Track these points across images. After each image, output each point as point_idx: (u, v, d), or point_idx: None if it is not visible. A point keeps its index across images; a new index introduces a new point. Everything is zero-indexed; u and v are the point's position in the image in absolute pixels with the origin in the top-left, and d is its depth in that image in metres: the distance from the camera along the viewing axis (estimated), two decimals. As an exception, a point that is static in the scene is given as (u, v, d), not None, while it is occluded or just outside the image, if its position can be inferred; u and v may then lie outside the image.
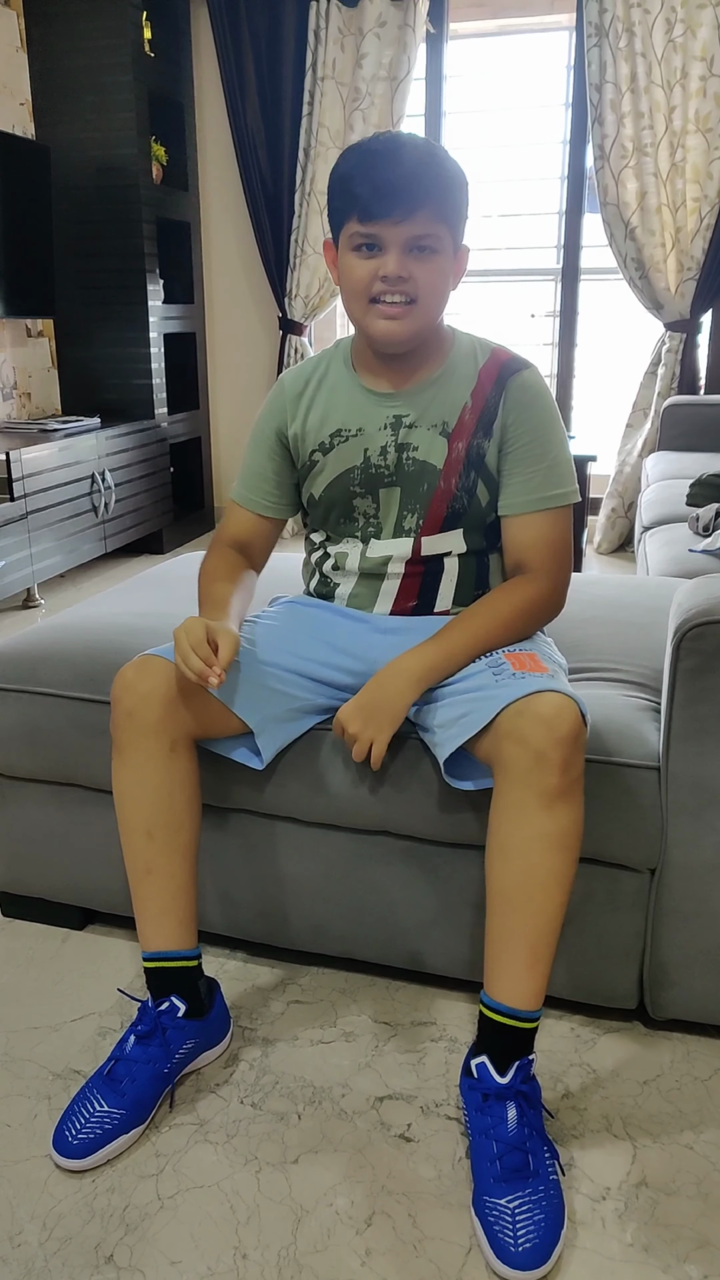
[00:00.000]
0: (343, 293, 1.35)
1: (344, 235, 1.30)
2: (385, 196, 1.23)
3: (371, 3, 3.88)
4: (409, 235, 1.26)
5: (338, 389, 1.42)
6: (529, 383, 1.38)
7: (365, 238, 1.27)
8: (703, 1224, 1.16)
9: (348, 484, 1.42)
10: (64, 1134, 1.25)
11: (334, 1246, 1.14)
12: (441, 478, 1.38)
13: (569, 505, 1.39)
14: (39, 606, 3.57)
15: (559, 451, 1.38)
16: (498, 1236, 1.11)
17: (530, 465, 1.37)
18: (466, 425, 1.37)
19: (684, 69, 3.67)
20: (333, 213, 1.32)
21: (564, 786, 1.19)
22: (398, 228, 1.25)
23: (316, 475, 1.44)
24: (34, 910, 1.73)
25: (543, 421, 1.37)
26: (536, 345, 4.39)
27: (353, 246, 1.29)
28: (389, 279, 1.27)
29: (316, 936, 1.55)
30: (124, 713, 1.31)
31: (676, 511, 2.90)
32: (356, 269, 1.29)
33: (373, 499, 1.41)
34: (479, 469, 1.38)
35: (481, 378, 1.38)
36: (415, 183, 1.23)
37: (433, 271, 1.29)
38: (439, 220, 1.26)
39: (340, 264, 1.33)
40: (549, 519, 1.38)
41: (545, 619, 1.40)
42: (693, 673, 1.27)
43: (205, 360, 4.66)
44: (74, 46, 3.82)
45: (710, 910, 1.35)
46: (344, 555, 1.46)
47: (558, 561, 1.39)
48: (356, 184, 1.25)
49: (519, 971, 1.23)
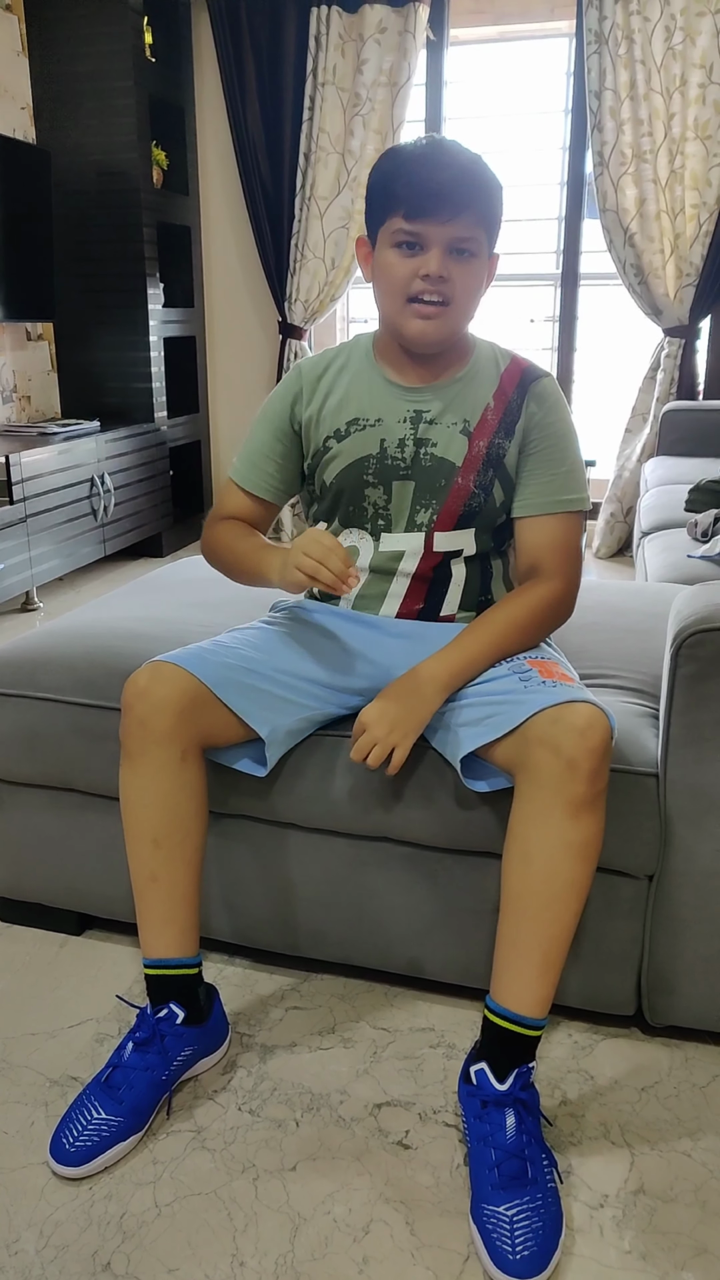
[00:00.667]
0: (377, 289, 1.36)
1: (385, 231, 1.31)
2: (433, 196, 1.25)
3: (372, 9, 3.89)
4: (452, 236, 1.27)
5: (358, 378, 1.43)
6: (550, 389, 1.41)
7: (409, 235, 1.28)
8: (700, 1231, 1.16)
9: (362, 472, 1.42)
10: (61, 1141, 1.24)
11: (332, 1254, 1.14)
12: (460, 475, 1.39)
13: (582, 512, 1.42)
14: (38, 610, 3.57)
15: (575, 458, 1.42)
16: (496, 1244, 1.11)
17: (550, 469, 1.40)
18: (489, 425, 1.39)
19: (683, 76, 3.68)
20: (374, 208, 1.33)
21: (591, 796, 1.20)
22: (443, 228, 1.27)
23: (329, 461, 1.44)
24: (31, 915, 1.73)
25: (563, 427, 1.41)
26: (536, 350, 4.39)
27: (394, 243, 1.30)
28: (430, 278, 1.29)
29: (316, 942, 1.55)
30: (136, 720, 1.30)
31: (675, 517, 2.91)
32: (397, 266, 1.30)
33: (385, 490, 1.42)
34: (497, 468, 1.39)
35: (504, 381, 1.40)
36: (462, 186, 1.26)
37: (470, 275, 1.31)
38: (480, 225, 1.29)
39: (377, 260, 1.34)
40: (563, 522, 1.41)
41: (558, 621, 1.42)
42: (691, 679, 1.27)
43: (205, 364, 4.66)
44: (75, 51, 3.83)
45: (709, 917, 1.35)
46: (354, 551, 1.46)
47: (571, 564, 1.41)
48: (404, 182, 1.27)
49: (529, 978, 1.23)
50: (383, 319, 1.38)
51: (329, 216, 4.18)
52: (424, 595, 1.44)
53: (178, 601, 1.87)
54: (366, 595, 1.47)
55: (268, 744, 1.35)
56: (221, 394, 4.73)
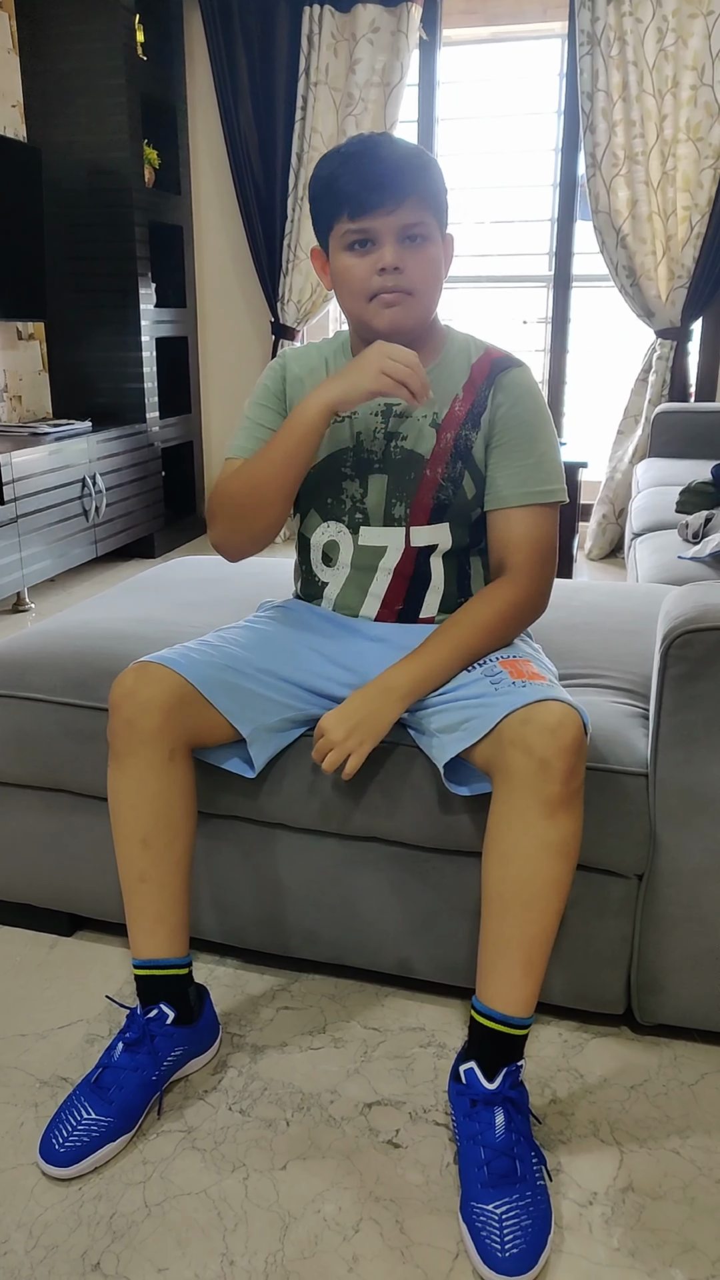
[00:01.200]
0: (339, 295, 1.36)
1: (335, 236, 1.31)
2: (373, 189, 1.25)
3: (365, 8, 3.90)
4: (401, 224, 1.27)
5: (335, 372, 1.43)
6: (519, 379, 1.39)
7: (358, 233, 1.28)
8: (689, 1228, 1.17)
9: (339, 464, 1.42)
10: (51, 1142, 1.24)
11: (322, 1253, 1.14)
12: (428, 466, 1.39)
13: (555, 505, 1.39)
14: (29, 610, 3.56)
15: (546, 449, 1.39)
16: (485, 1242, 1.11)
17: (517, 460, 1.38)
18: (456, 416, 1.39)
19: (675, 78, 3.69)
20: (319, 217, 1.33)
21: (566, 795, 1.20)
22: (390, 218, 1.27)
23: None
24: (22, 916, 1.73)
25: (531, 417, 1.38)
26: (528, 351, 4.40)
27: (345, 245, 1.30)
28: (387, 271, 1.29)
29: (306, 942, 1.55)
30: (123, 720, 1.30)
31: (666, 518, 2.92)
32: (353, 268, 1.31)
33: (361, 483, 1.42)
34: (465, 460, 1.39)
35: (474, 372, 1.40)
36: (400, 172, 1.26)
37: (426, 260, 1.31)
38: (425, 207, 1.29)
39: (334, 266, 1.34)
40: (534, 516, 1.38)
41: (527, 622, 1.41)
42: (680, 680, 1.28)
43: (197, 364, 4.66)
44: (67, 49, 3.82)
45: (697, 916, 1.36)
46: (334, 546, 1.46)
47: (540, 561, 1.39)
48: (342, 182, 1.27)
49: (513, 978, 1.23)
50: (351, 323, 1.38)
51: (321, 217, 4.17)
52: (404, 595, 1.44)
53: (169, 602, 1.87)
54: (346, 595, 1.47)
55: (250, 743, 1.35)
56: (213, 394, 4.73)
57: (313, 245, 1.39)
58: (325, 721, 1.32)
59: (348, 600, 1.47)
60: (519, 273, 4.40)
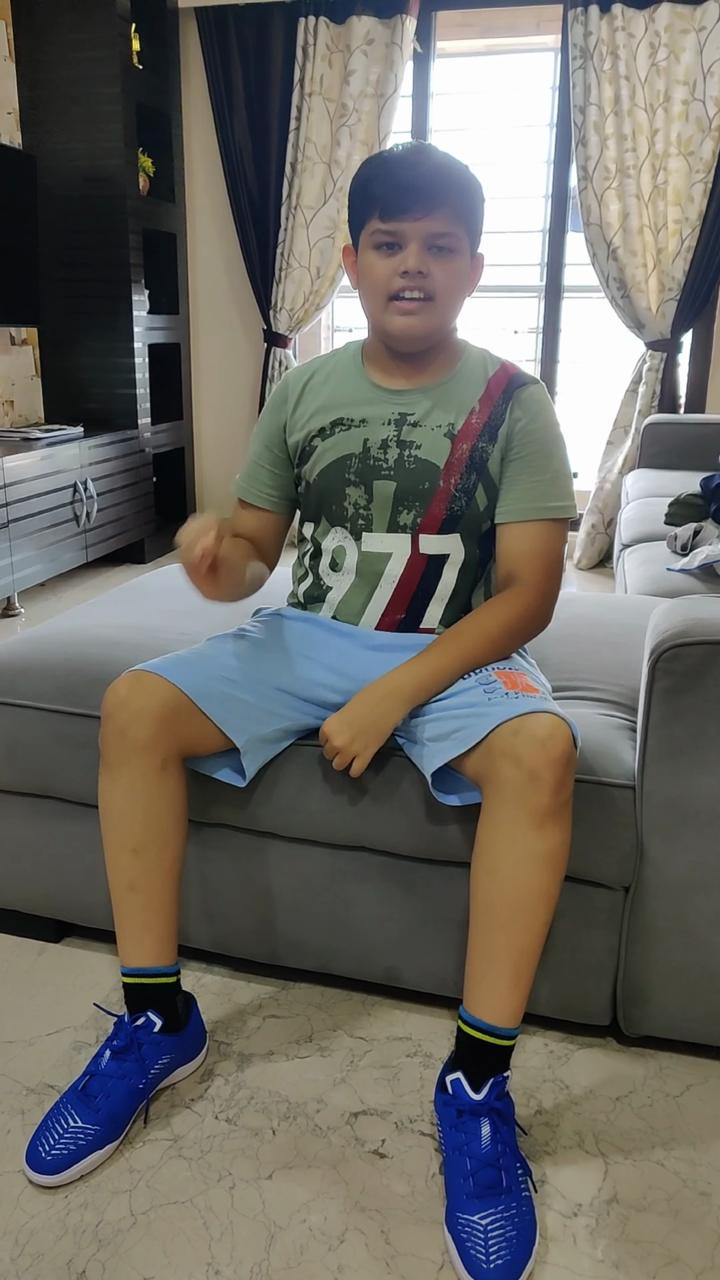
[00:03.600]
0: (362, 293, 1.38)
1: (365, 234, 1.33)
2: (406, 193, 1.27)
3: (360, 20, 3.92)
4: (428, 232, 1.29)
5: (345, 381, 1.45)
6: (537, 396, 1.41)
7: (386, 235, 1.30)
8: (673, 1240, 1.17)
9: (343, 471, 1.43)
10: (37, 1150, 1.24)
11: (307, 1262, 1.14)
12: (442, 477, 1.40)
13: (565, 520, 1.42)
14: (19, 615, 3.56)
15: (560, 465, 1.41)
16: (470, 1253, 1.12)
17: (533, 475, 1.40)
18: (472, 428, 1.40)
19: (667, 92, 3.72)
20: (353, 214, 1.35)
21: (555, 807, 1.20)
22: (418, 224, 1.28)
23: (315, 460, 1.45)
24: (10, 923, 1.73)
25: (547, 434, 1.41)
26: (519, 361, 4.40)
27: (374, 245, 1.32)
28: (409, 274, 1.30)
29: (294, 951, 1.55)
30: (115, 729, 1.31)
31: (655, 530, 2.93)
32: (377, 266, 1.32)
33: (365, 490, 1.42)
34: (480, 472, 1.40)
35: (490, 386, 1.41)
36: (435, 182, 1.27)
37: (450, 272, 1.32)
38: (457, 220, 1.30)
39: (360, 264, 1.36)
40: (544, 530, 1.40)
41: (531, 634, 1.42)
42: (668, 693, 1.29)
43: (189, 371, 4.66)
44: (62, 57, 3.83)
45: (683, 928, 1.37)
46: (341, 552, 1.47)
47: (548, 575, 1.41)
48: (378, 184, 1.29)
49: (500, 988, 1.24)
50: (369, 321, 1.40)
51: (314, 226, 4.19)
52: (406, 605, 1.45)
53: (159, 609, 1.88)
54: (349, 601, 1.47)
55: (244, 753, 1.35)
56: (205, 401, 4.74)
57: (346, 244, 1.41)
58: (329, 726, 1.34)
59: (350, 606, 1.47)
60: (511, 283, 4.42)
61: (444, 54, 4.22)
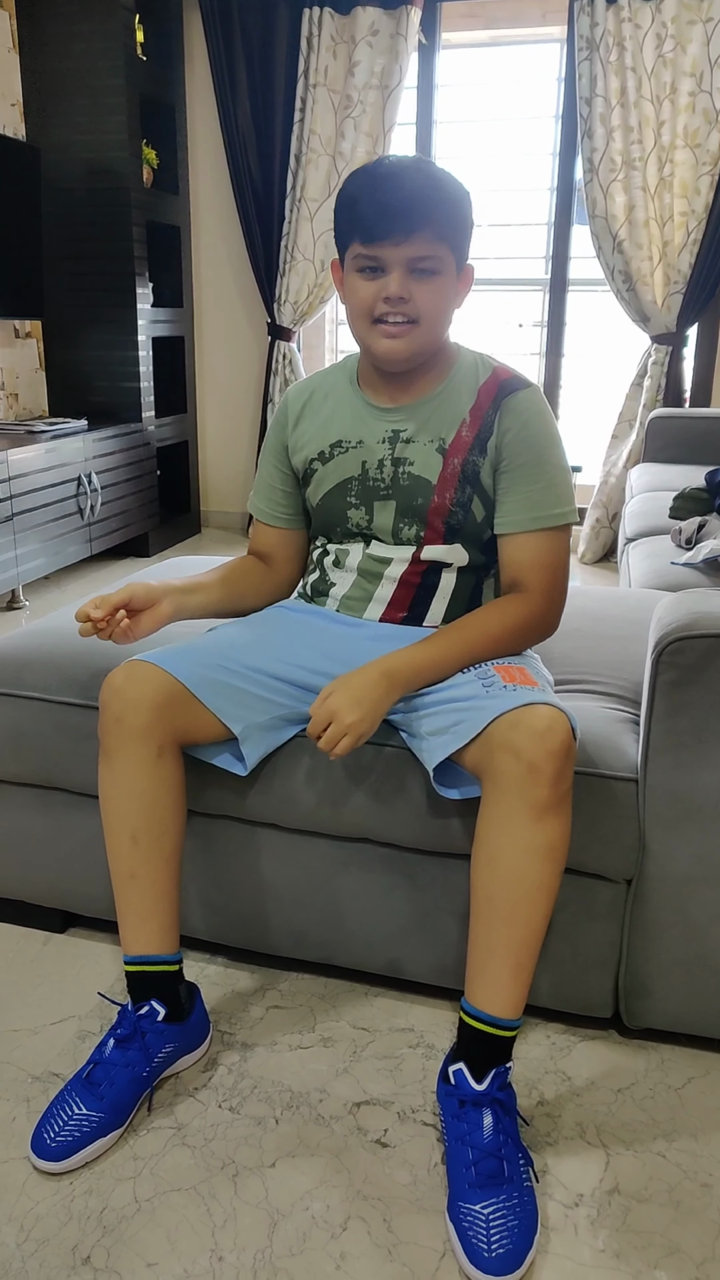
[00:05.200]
0: (347, 312, 1.37)
1: (349, 256, 1.33)
2: (386, 219, 1.26)
3: (364, 11, 3.90)
4: (409, 256, 1.28)
5: (342, 402, 1.45)
6: (525, 402, 1.38)
7: (368, 259, 1.30)
8: (673, 1231, 1.18)
9: (345, 494, 1.44)
10: (42, 1137, 1.25)
11: (309, 1250, 1.15)
12: (436, 492, 1.39)
13: (566, 526, 1.40)
14: (23, 608, 3.57)
15: (555, 472, 1.39)
16: (471, 1242, 1.13)
17: (526, 484, 1.38)
18: (463, 441, 1.39)
19: (673, 84, 3.70)
20: (338, 234, 1.35)
21: (554, 799, 1.21)
22: (398, 249, 1.28)
23: (317, 484, 1.46)
24: (15, 913, 1.74)
25: (538, 441, 1.38)
26: (524, 355, 4.42)
27: (357, 268, 1.32)
28: (391, 299, 1.30)
29: (297, 942, 1.56)
30: (112, 718, 1.32)
31: (660, 524, 2.93)
32: (360, 290, 1.32)
33: (367, 511, 1.43)
34: (474, 485, 1.39)
35: (480, 395, 1.40)
36: (415, 206, 1.26)
37: (433, 293, 1.31)
38: (439, 241, 1.29)
39: (345, 284, 1.36)
40: (545, 539, 1.39)
41: (535, 640, 1.41)
42: (671, 686, 1.29)
43: (193, 364, 4.66)
44: (66, 48, 3.82)
45: (685, 921, 1.37)
46: (345, 553, 1.48)
47: (552, 583, 1.40)
48: (359, 207, 1.28)
49: (502, 980, 1.24)
50: (357, 341, 1.39)
51: (319, 218, 4.19)
52: (408, 603, 1.45)
53: (164, 602, 1.88)
54: (352, 599, 1.48)
55: (242, 740, 1.36)
56: (209, 394, 4.74)
57: (334, 258, 1.41)
58: (335, 703, 1.26)
59: (353, 601, 1.48)
60: (515, 276, 4.41)
61: (449, 45, 4.20)
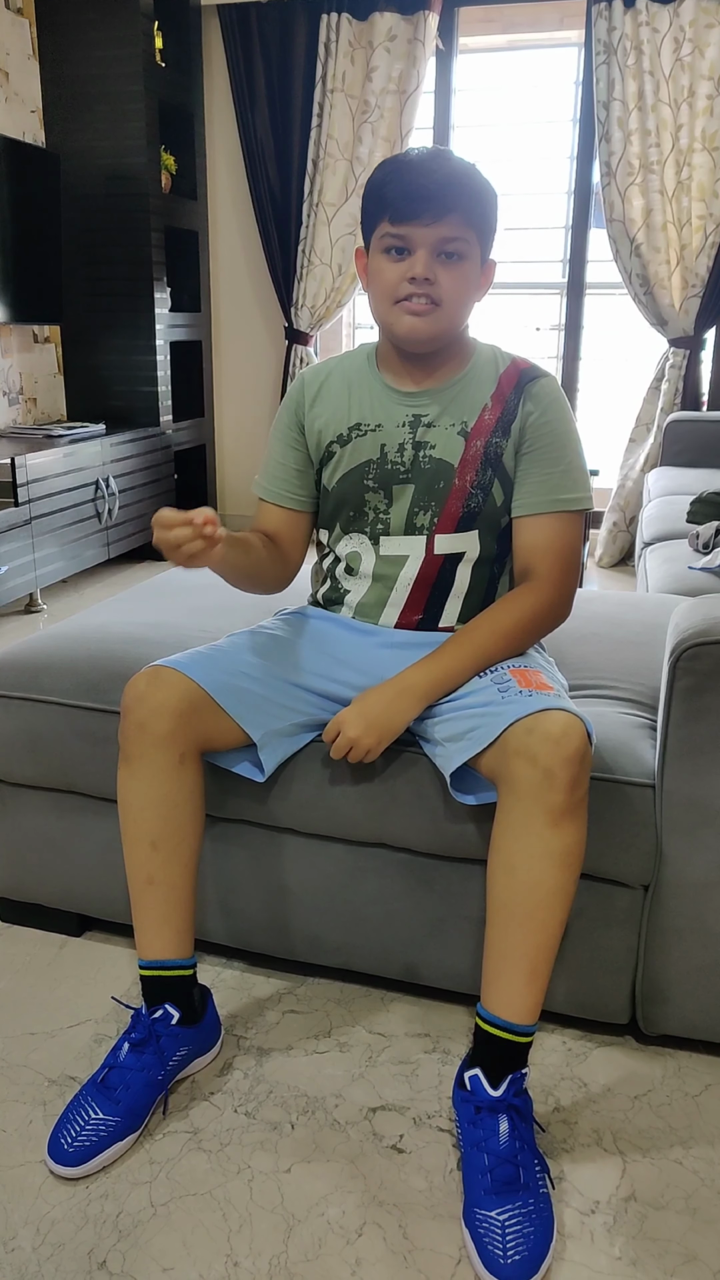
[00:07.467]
0: (371, 295, 1.38)
1: (375, 237, 1.33)
2: (417, 199, 1.27)
3: (382, 17, 3.91)
4: (437, 238, 1.29)
5: (359, 384, 1.45)
6: (548, 388, 1.41)
7: (395, 239, 1.30)
8: (690, 1239, 1.17)
9: (362, 477, 1.43)
10: (59, 1141, 1.26)
11: (325, 1256, 1.15)
12: (457, 474, 1.40)
13: (581, 512, 1.42)
14: (41, 611, 3.59)
15: (574, 458, 1.41)
16: (487, 1248, 1.12)
17: (546, 467, 1.40)
18: (485, 425, 1.40)
19: (691, 88, 3.69)
20: (365, 217, 1.35)
21: (570, 805, 1.20)
22: (427, 230, 1.28)
23: (334, 466, 1.46)
24: (32, 916, 1.74)
25: (560, 426, 1.40)
26: (541, 358, 4.41)
27: (383, 249, 1.32)
28: (416, 280, 1.30)
29: (313, 947, 1.56)
30: (135, 724, 1.32)
31: (677, 528, 2.92)
32: (386, 270, 1.33)
33: (385, 494, 1.43)
34: (495, 467, 1.40)
35: (502, 382, 1.41)
36: (446, 188, 1.27)
37: (458, 277, 1.32)
38: (468, 226, 1.30)
39: (370, 266, 1.36)
40: (560, 523, 1.40)
41: (548, 628, 1.42)
42: (689, 692, 1.28)
43: (211, 369, 4.68)
44: (85, 55, 3.85)
45: (703, 927, 1.36)
46: (356, 557, 1.48)
47: (564, 568, 1.41)
48: (390, 187, 1.29)
49: (518, 986, 1.24)
50: (378, 323, 1.40)
51: (336, 223, 4.20)
52: (424, 605, 1.45)
53: (181, 606, 1.89)
54: (367, 604, 1.48)
55: (260, 747, 1.36)
56: (227, 399, 4.75)
57: (358, 245, 1.41)
58: (344, 716, 1.34)
59: (368, 608, 1.48)
60: (533, 279, 4.41)
61: (466, 50, 4.21)
